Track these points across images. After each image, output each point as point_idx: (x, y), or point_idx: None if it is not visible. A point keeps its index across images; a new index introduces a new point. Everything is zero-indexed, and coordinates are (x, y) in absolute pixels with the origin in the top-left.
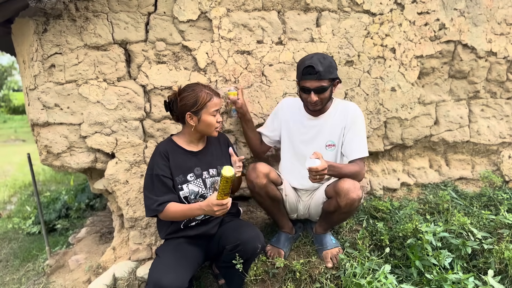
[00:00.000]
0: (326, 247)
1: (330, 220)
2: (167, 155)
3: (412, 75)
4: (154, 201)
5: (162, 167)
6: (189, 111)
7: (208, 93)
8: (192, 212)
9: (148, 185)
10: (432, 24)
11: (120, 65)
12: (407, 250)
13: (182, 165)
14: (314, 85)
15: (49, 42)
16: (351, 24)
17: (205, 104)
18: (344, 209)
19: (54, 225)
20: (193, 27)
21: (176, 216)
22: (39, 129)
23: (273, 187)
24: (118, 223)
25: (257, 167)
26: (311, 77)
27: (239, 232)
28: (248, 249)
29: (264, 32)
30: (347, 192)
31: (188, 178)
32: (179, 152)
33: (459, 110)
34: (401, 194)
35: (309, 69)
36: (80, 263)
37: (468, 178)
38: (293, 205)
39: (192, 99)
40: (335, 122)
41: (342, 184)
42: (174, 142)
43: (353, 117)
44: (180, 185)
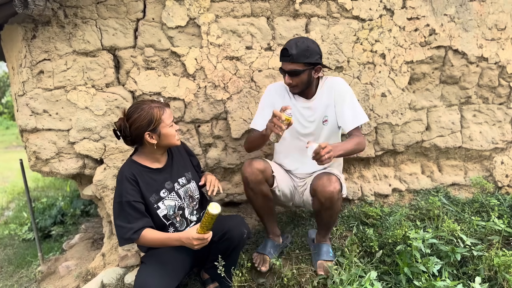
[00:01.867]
0: (322, 257)
1: (322, 221)
2: (135, 179)
3: (402, 80)
4: (129, 229)
5: (131, 192)
6: (146, 131)
7: (159, 106)
8: (170, 242)
9: (118, 213)
10: (422, 30)
11: (109, 71)
12: (397, 256)
13: (153, 184)
14: (288, 67)
15: (38, 49)
16: (340, 30)
17: (160, 118)
18: (326, 204)
19: (50, 231)
20: (182, 33)
21: (153, 243)
22: (28, 135)
23: (266, 187)
24: (108, 230)
25: (253, 163)
26: (285, 59)
27: (223, 221)
28: (235, 235)
29: (253, 38)
30: (322, 188)
31: (162, 195)
32: (145, 171)
33: (451, 116)
34: (393, 200)
35: (283, 51)
36: (70, 269)
37: (461, 184)
38: (288, 195)
39: (145, 118)
40: (325, 101)
41: (317, 180)
42: (138, 163)
43: (339, 91)
44: (155, 204)
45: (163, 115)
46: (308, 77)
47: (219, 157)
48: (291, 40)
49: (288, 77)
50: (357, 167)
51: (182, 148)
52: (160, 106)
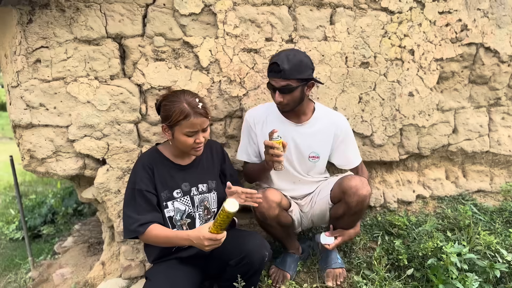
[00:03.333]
0: (330, 265)
1: (339, 227)
2: (152, 168)
3: (431, 79)
4: (135, 221)
5: (146, 182)
6: (163, 123)
7: (184, 110)
8: (178, 241)
9: (128, 201)
10: (453, 25)
11: (114, 61)
12: (428, 271)
13: (168, 180)
14: (279, 84)
15: (35, 35)
16: (367, 23)
17: (178, 122)
18: (356, 208)
19: (39, 231)
20: (196, 21)
21: (159, 241)
22: (22, 131)
23: (285, 215)
24: (108, 235)
25: (267, 196)
26: (275, 75)
27: (241, 242)
28: (255, 260)
29: (273, 28)
30: (356, 190)
31: (174, 195)
32: (165, 164)
33: (479, 118)
34: (417, 207)
35: (273, 66)
36: (65, 277)
37: (487, 190)
38: (298, 220)
39: (166, 111)
40: (319, 133)
41: (349, 182)
42: (160, 153)
43: (344, 127)
44: (165, 202)
45: (183, 120)
46: (301, 94)
47: (232, 159)
48: (281, 53)
49: (279, 94)
50: (379, 171)
51: (219, 151)
52: (189, 112)
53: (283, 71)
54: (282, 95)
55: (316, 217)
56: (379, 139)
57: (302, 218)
